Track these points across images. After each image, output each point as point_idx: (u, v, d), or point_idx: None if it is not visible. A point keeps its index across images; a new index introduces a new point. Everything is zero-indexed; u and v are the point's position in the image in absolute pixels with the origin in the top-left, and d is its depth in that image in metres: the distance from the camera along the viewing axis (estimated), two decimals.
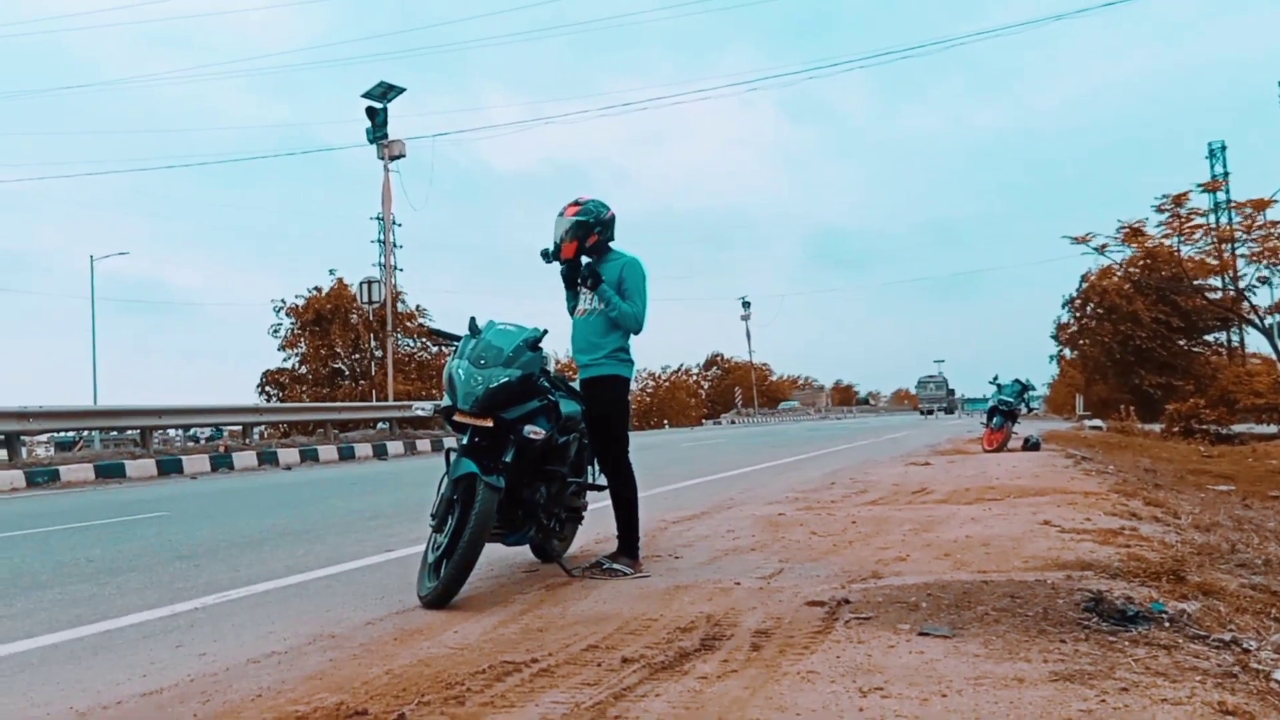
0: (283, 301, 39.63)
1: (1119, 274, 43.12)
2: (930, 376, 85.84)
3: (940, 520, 6.74)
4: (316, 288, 39.74)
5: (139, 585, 5.28)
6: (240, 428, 21.63)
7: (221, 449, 18.29)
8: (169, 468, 15.79)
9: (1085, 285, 46.07)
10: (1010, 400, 15.86)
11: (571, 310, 5.31)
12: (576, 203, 5.21)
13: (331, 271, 40.29)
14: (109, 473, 14.88)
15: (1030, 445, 15.61)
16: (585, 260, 5.19)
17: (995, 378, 16.71)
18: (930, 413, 74.24)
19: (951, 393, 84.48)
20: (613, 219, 5.23)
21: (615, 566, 5.04)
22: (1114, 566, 4.68)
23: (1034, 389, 17.04)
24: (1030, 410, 17.53)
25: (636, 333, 5.15)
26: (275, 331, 39.76)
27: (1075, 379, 51.86)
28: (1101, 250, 33.70)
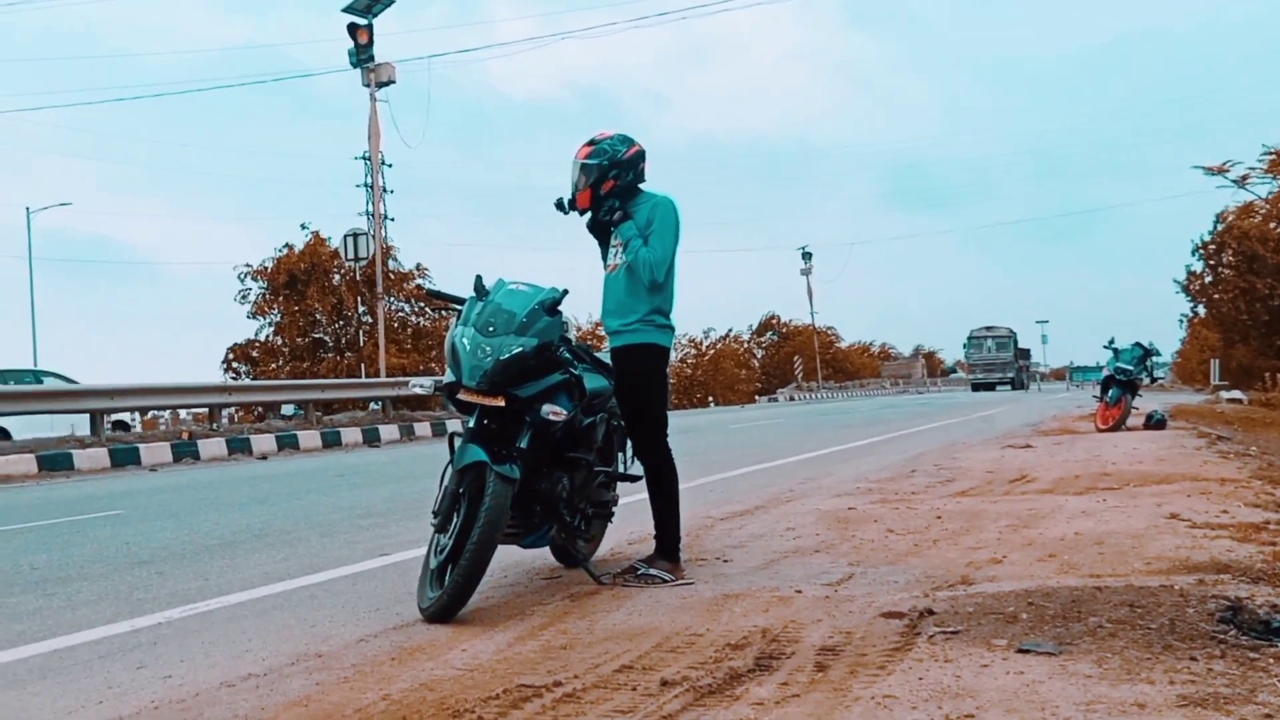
0: (247, 266, 39.68)
1: (1264, 212, 42.30)
2: (986, 330, 67.89)
3: (1044, 514, 6.71)
4: (288, 245, 39.88)
5: (93, 596, 5.38)
6: (206, 410, 21.92)
7: (185, 436, 18.57)
8: (124, 458, 16.05)
9: (1222, 227, 45.23)
10: (1129, 368, 15.69)
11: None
12: (591, 142, 5.21)
13: (304, 226, 40.13)
14: (54, 465, 15.16)
15: (1154, 422, 15.46)
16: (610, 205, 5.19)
17: (1111, 341, 16.52)
18: (987, 387, 63.15)
19: (1024, 354, 70.68)
20: (636, 157, 5.21)
21: (652, 572, 5.07)
22: (1256, 569, 4.63)
23: (1158, 354, 16.82)
24: (1154, 380, 17.31)
25: (651, 284, 5.10)
26: (243, 298, 40.01)
27: (1210, 341, 51.09)
28: (1242, 183, 33.11)
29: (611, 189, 5.17)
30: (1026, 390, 62.36)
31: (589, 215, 5.26)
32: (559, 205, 5.25)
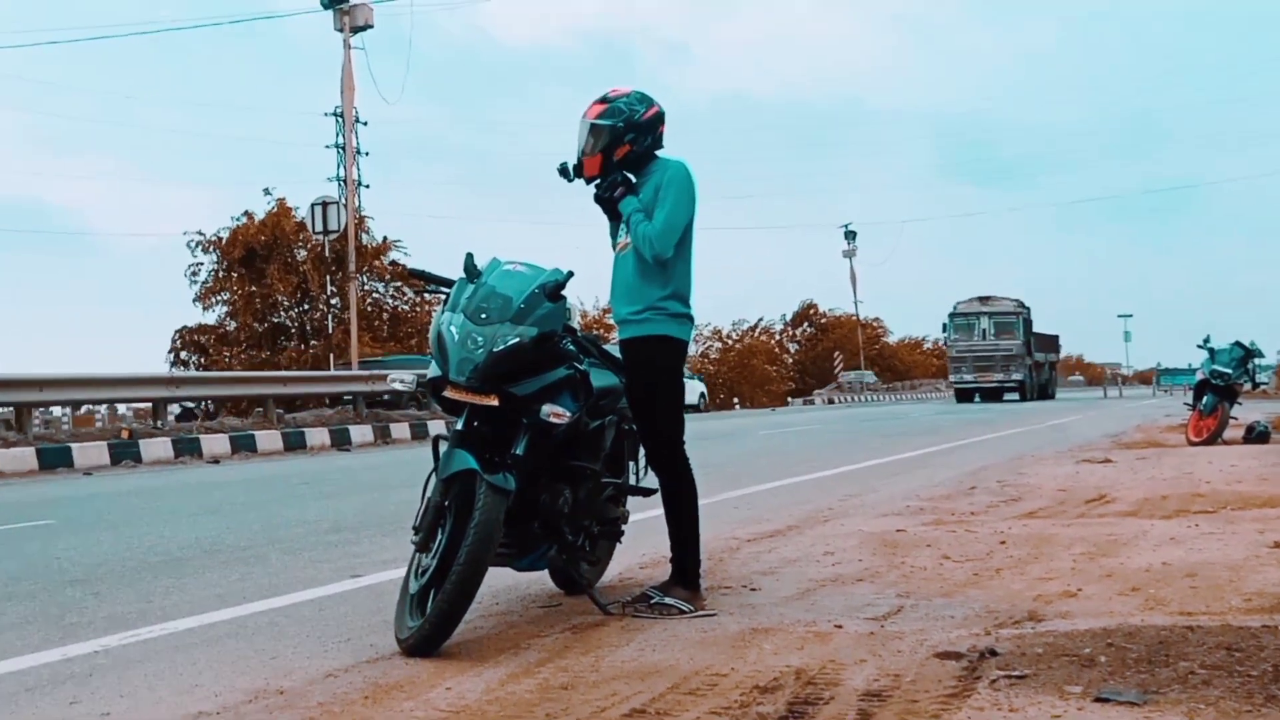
0: (200, 234, 39.69)
1: None
2: (980, 303, 51.58)
3: (1125, 541, 6.69)
4: (247, 213, 39.88)
5: (18, 619, 5.41)
6: (150, 405, 22.01)
7: (124, 434, 18.65)
8: (53, 459, 16.13)
9: None
10: (1227, 371, 15.60)
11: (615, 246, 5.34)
12: (604, 99, 5.19)
13: (267, 191, 40.01)
14: None
15: (1256, 435, 15.37)
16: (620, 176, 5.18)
17: (1206, 339, 16.41)
18: (988, 395, 49.80)
19: (1043, 343, 56.19)
20: (655, 119, 5.20)
21: (668, 601, 5.07)
22: None
23: (1261, 355, 16.70)
24: (1256, 386, 17.22)
25: (656, 261, 5.08)
26: (193, 276, 40.03)
27: None
28: None
29: (625, 155, 5.16)
30: (1051, 398, 52.82)
31: (593, 184, 5.26)
32: (563, 171, 5.24)
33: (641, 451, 5.41)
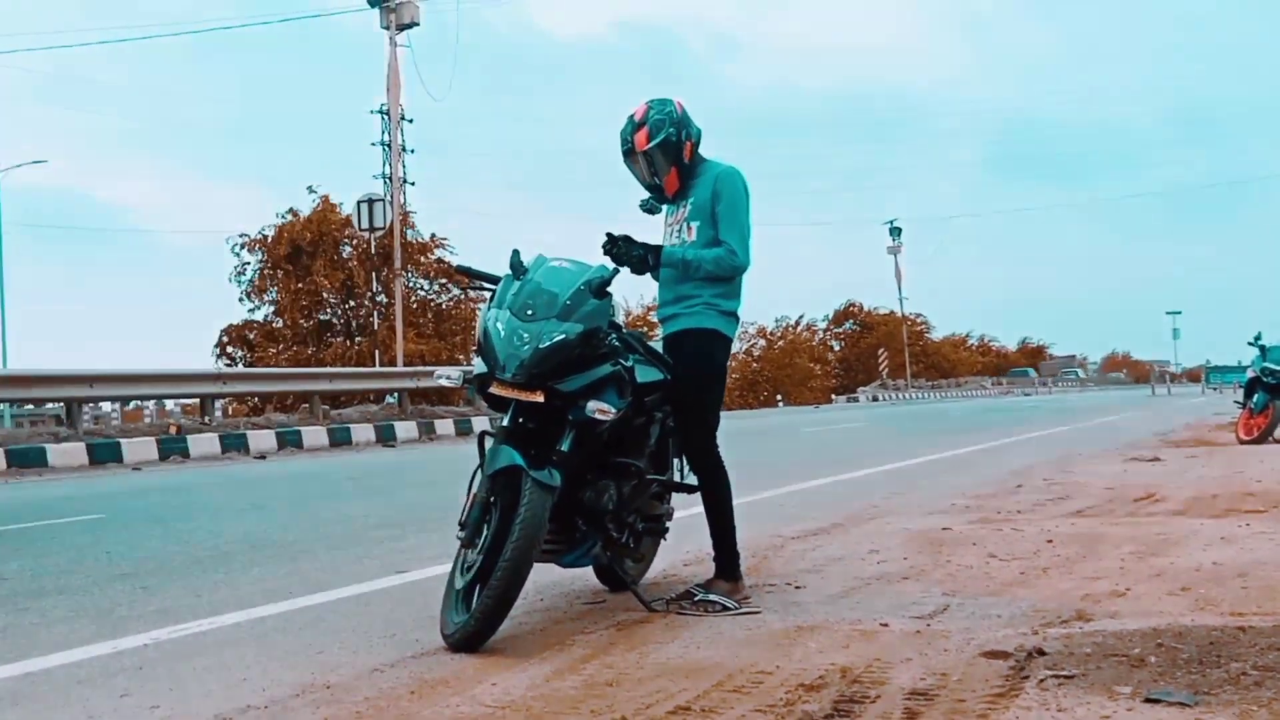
0: (244, 236, 39.99)
1: None
2: None
3: (1175, 540, 6.63)
4: (292, 211, 40.20)
5: (69, 612, 5.48)
6: (198, 401, 22.24)
7: (173, 430, 18.83)
8: (104, 455, 16.32)
9: None
10: (1278, 369, 15.44)
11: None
12: (639, 125, 5.19)
13: (311, 190, 40.30)
14: (25, 460, 15.44)
15: None
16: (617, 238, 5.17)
17: (1258, 337, 16.26)
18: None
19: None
20: (685, 110, 5.28)
21: (711, 597, 5.07)
22: None
23: None
24: None
25: (733, 271, 5.17)
26: (239, 276, 40.34)
27: None
28: None
29: (692, 151, 5.24)
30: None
31: (663, 202, 5.33)
32: (649, 209, 5.33)
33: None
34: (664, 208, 5.40)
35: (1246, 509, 8.00)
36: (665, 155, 5.16)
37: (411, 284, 40.08)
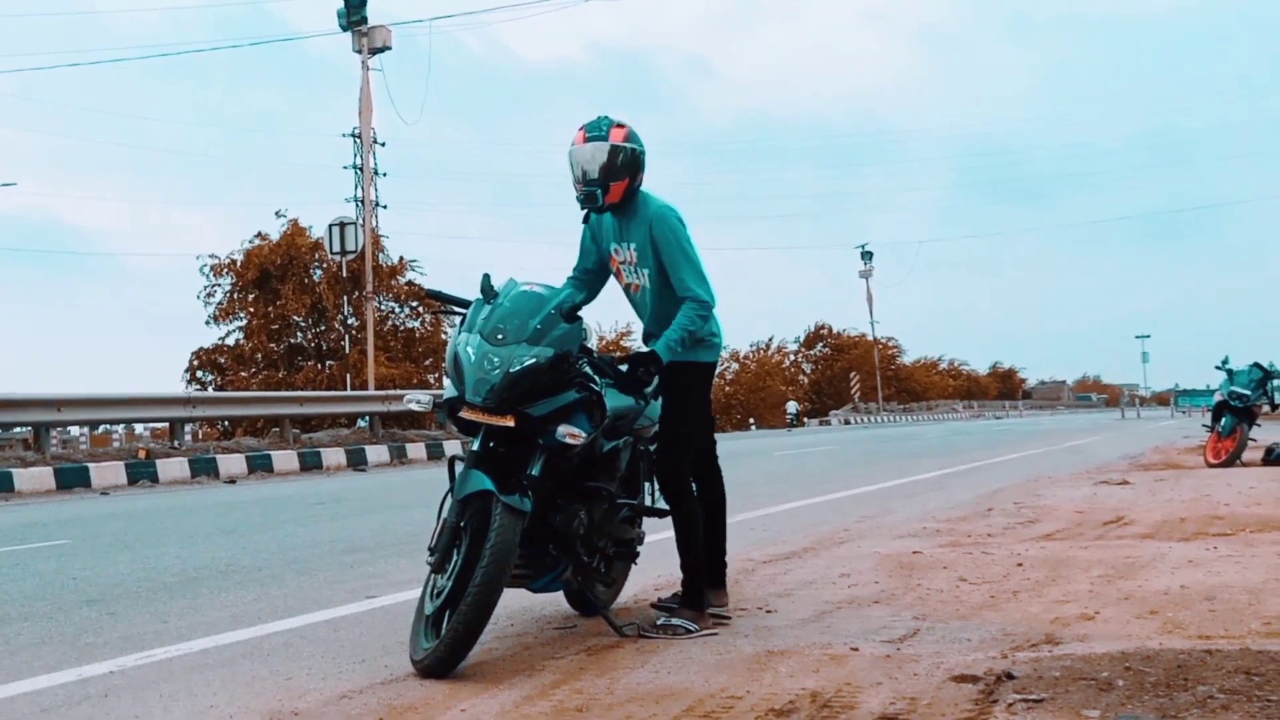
0: (213, 258, 39.86)
1: None
2: None
3: (1144, 563, 6.67)
4: (260, 234, 40.10)
5: (34, 639, 5.43)
6: (166, 425, 22.08)
7: (141, 454, 18.71)
8: (71, 479, 16.18)
9: None
10: (1246, 392, 15.56)
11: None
12: (618, 124, 5.17)
13: (279, 214, 40.28)
14: None
15: (1275, 457, 15.30)
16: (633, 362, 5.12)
17: (1225, 361, 16.40)
18: None
19: None
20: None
21: (674, 622, 5.09)
22: None
23: None
24: (1276, 407, 17.14)
25: (708, 314, 5.19)
26: (208, 298, 40.17)
27: None
28: None
29: (639, 181, 5.20)
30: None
31: (594, 207, 5.23)
32: (589, 204, 5.21)
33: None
34: (610, 244, 5.33)
35: (1214, 532, 8.06)
36: (626, 165, 5.14)
37: (382, 308, 40.00)
